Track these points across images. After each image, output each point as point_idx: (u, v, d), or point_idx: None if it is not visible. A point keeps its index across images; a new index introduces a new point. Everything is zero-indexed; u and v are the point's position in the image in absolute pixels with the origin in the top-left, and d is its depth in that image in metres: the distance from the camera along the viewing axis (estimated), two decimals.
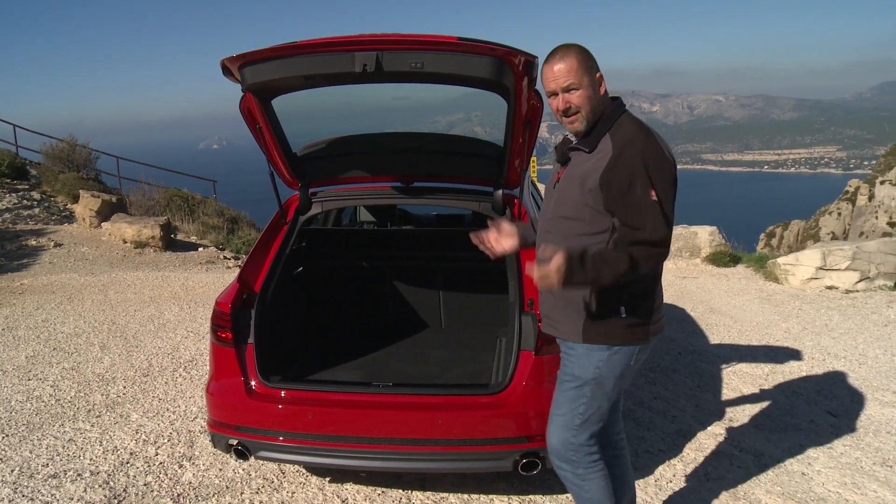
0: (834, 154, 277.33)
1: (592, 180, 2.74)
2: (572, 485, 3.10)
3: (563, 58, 2.76)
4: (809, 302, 8.97)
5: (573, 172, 2.86)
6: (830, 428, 5.12)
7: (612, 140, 2.75)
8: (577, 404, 2.97)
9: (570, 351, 2.98)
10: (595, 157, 2.78)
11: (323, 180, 4.70)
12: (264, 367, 3.85)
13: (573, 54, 2.76)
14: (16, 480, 4.39)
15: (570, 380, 2.97)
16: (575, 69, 2.74)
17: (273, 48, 3.31)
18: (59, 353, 7.05)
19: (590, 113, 2.79)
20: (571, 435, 3.00)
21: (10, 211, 15.59)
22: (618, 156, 2.69)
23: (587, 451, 3.03)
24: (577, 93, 2.77)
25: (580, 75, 2.75)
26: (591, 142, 2.81)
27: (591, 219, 2.80)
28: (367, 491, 4.18)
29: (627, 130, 2.77)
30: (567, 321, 2.95)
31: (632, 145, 2.70)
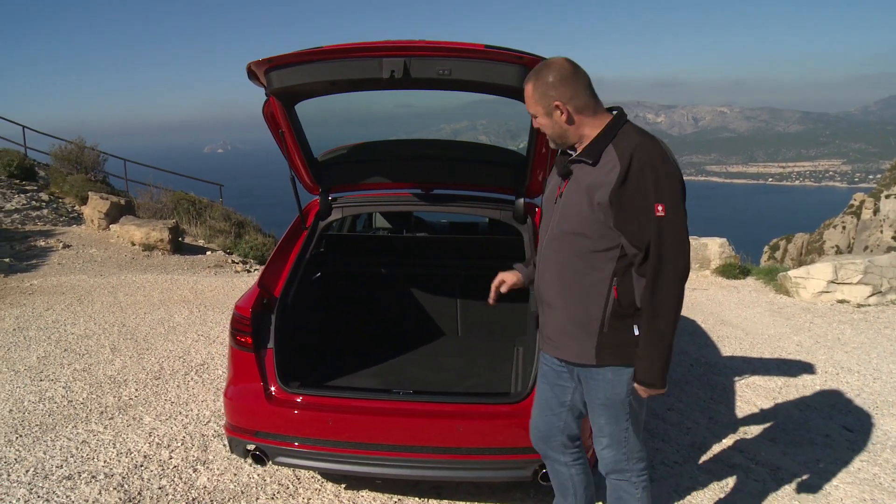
0: (839, 167, 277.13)
1: (601, 194, 2.66)
2: (625, 493, 3.09)
3: (525, 84, 2.81)
4: (821, 315, 8.94)
5: (579, 186, 2.77)
6: (846, 443, 5.09)
7: (616, 151, 2.67)
8: (621, 421, 2.94)
9: (594, 377, 2.91)
10: (601, 169, 2.69)
11: (343, 186, 4.69)
12: (284, 373, 3.84)
13: (529, 84, 2.79)
14: (31, 481, 4.38)
15: (606, 403, 2.92)
16: (530, 99, 2.80)
17: (300, 53, 3.31)
18: (71, 354, 7.05)
19: (557, 135, 2.82)
20: (623, 447, 3.00)
21: (19, 212, 15.61)
22: (627, 169, 2.61)
23: (640, 457, 3.05)
24: (536, 120, 2.84)
25: (534, 106, 2.79)
26: (592, 153, 2.73)
27: (601, 234, 2.73)
28: (383, 498, 4.16)
29: (633, 141, 2.68)
30: (576, 343, 2.88)
31: (640, 158, 2.62)
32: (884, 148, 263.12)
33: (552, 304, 2.94)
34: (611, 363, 2.82)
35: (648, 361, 2.71)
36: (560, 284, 2.88)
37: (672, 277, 2.63)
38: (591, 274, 2.78)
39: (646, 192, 2.60)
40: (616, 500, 3.15)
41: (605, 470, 3.12)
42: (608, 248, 2.74)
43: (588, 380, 2.93)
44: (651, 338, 2.69)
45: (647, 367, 2.71)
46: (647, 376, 2.73)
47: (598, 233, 2.73)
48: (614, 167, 2.64)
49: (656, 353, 2.69)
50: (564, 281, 2.86)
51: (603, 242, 2.73)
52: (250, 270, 12.97)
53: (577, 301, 2.83)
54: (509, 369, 4.55)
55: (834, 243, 44.30)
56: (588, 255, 2.77)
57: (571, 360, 2.94)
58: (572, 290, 2.84)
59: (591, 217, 2.72)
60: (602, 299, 2.78)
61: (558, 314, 2.92)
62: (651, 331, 2.68)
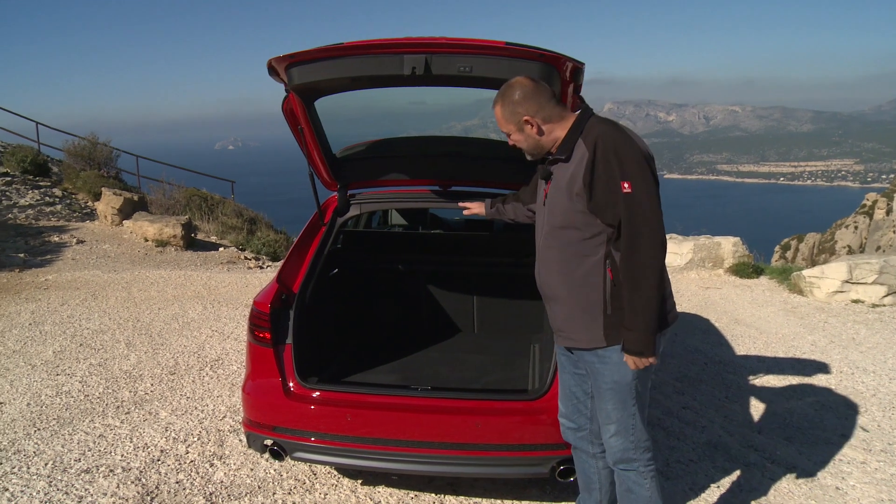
0: (851, 167, 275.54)
1: (578, 185, 2.84)
2: (634, 484, 3.13)
3: (494, 106, 3.03)
4: (835, 315, 8.90)
5: (558, 183, 2.97)
6: (863, 443, 5.06)
7: (584, 143, 2.87)
8: (628, 406, 3.02)
9: (601, 359, 3.00)
10: (574, 162, 2.89)
11: (361, 182, 4.70)
12: (302, 368, 3.85)
13: (497, 106, 3.00)
14: (50, 474, 4.42)
15: (613, 387, 3.00)
16: (500, 119, 3.01)
17: (321, 49, 3.32)
18: (86, 349, 7.09)
19: (531, 147, 3.04)
20: (631, 434, 3.05)
21: (33, 207, 15.69)
22: (593, 155, 2.80)
23: (646, 447, 3.11)
24: (511, 137, 3.04)
25: (506, 125, 3.00)
26: (565, 150, 2.93)
27: (584, 222, 2.89)
28: (399, 494, 4.17)
29: (597, 130, 2.87)
30: (584, 329, 3.00)
31: (603, 141, 2.81)
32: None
33: (556, 298, 3.07)
34: (617, 342, 2.93)
35: (634, 331, 2.82)
36: (559, 277, 3.02)
37: (646, 246, 2.76)
38: (585, 261, 2.93)
39: (611, 172, 2.77)
40: (626, 492, 3.18)
41: (612, 460, 3.16)
42: (595, 235, 2.90)
43: (596, 364, 3.02)
44: (634, 306, 2.81)
45: (634, 336, 2.82)
46: (635, 344, 2.83)
47: (581, 221, 2.89)
48: (583, 157, 2.85)
49: (640, 320, 2.80)
50: (562, 273, 3.00)
51: (589, 230, 2.90)
52: (263, 267, 13.01)
53: (577, 289, 2.97)
54: (526, 366, 4.56)
55: (846, 243, 44.14)
56: (578, 244, 2.93)
57: (584, 347, 3.03)
58: (571, 279, 2.98)
59: (572, 208, 2.90)
60: (599, 283, 2.92)
61: (563, 306, 3.05)
62: (633, 300, 2.81)
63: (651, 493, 3.13)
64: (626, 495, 3.19)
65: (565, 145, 2.94)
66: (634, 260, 2.77)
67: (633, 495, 3.15)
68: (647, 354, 2.83)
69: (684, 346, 7.31)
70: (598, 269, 2.92)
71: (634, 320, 2.81)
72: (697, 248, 11.57)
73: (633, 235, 2.76)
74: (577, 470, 3.45)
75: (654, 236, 2.76)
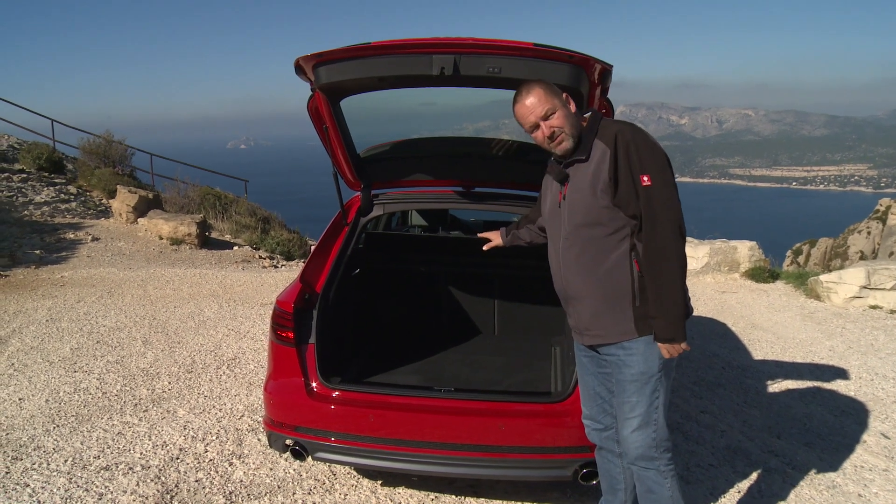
0: (864, 172, 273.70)
1: (602, 180, 2.91)
2: (654, 483, 3.12)
3: (529, 92, 2.98)
4: (853, 321, 8.84)
5: (580, 182, 3.00)
6: (884, 450, 5.02)
7: (602, 141, 2.94)
8: (653, 398, 3.03)
9: (627, 352, 3.03)
10: (594, 160, 2.95)
11: (385, 182, 4.70)
12: (325, 368, 3.85)
13: (536, 85, 2.99)
14: (70, 471, 4.43)
15: (639, 378, 3.02)
16: (544, 97, 2.96)
17: (349, 48, 3.31)
18: (103, 346, 7.11)
19: (572, 129, 2.98)
20: (653, 429, 3.06)
21: (49, 204, 15.76)
22: (614, 150, 2.88)
23: (667, 447, 3.11)
24: (555, 115, 2.97)
25: (551, 100, 2.96)
26: (583, 150, 2.98)
27: (609, 217, 2.94)
28: (419, 495, 4.16)
29: (613, 127, 2.96)
30: (613, 323, 3.03)
31: (622, 136, 2.90)
32: None
33: (581, 297, 3.09)
34: (648, 332, 2.96)
35: (662, 318, 2.88)
36: (584, 275, 3.04)
37: (667, 234, 2.84)
38: (609, 256, 2.98)
39: (631, 166, 2.87)
40: (646, 493, 3.17)
41: (632, 456, 3.14)
42: (619, 229, 2.95)
43: (622, 356, 3.05)
44: (660, 294, 2.87)
45: (663, 323, 2.88)
46: (665, 331, 2.88)
47: (606, 217, 2.95)
48: (604, 153, 2.92)
49: (667, 306, 2.86)
50: (587, 271, 3.03)
51: (613, 224, 2.94)
52: (277, 266, 13.03)
53: (604, 285, 3.00)
54: (548, 368, 4.54)
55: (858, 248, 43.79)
56: (602, 240, 2.97)
57: (613, 341, 3.05)
58: (596, 276, 3.01)
59: (596, 204, 2.94)
60: (627, 275, 2.96)
61: (589, 303, 3.06)
62: (658, 288, 2.88)
63: (672, 493, 3.12)
64: (646, 496, 3.18)
65: (584, 145, 2.98)
66: (656, 247, 2.84)
67: (654, 495, 3.14)
68: (679, 340, 2.88)
69: (702, 351, 7.27)
70: (623, 263, 2.96)
71: (661, 307, 2.87)
72: (713, 251, 11.53)
73: (653, 224, 2.84)
74: (601, 471, 3.43)
75: (673, 224, 2.84)
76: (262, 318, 8.25)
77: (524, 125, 3.05)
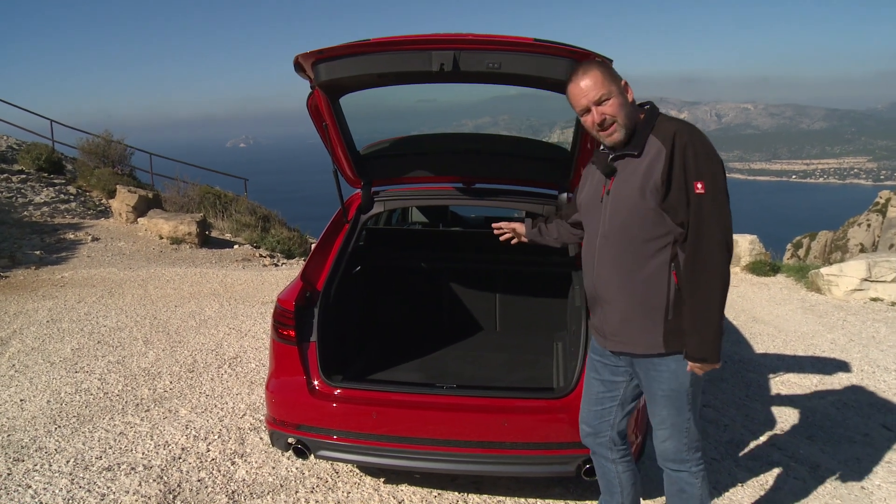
0: (864, 165, 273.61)
1: (654, 179, 2.74)
2: (686, 484, 3.11)
3: (586, 73, 2.80)
4: (854, 313, 8.84)
5: (629, 179, 2.83)
6: (887, 442, 5.02)
7: (658, 138, 2.77)
8: (683, 411, 2.97)
9: (657, 367, 2.93)
10: (647, 158, 2.78)
11: (385, 179, 4.69)
12: (327, 366, 3.84)
13: (595, 67, 2.81)
14: (72, 471, 4.43)
15: (669, 394, 2.94)
16: (601, 81, 2.78)
17: (349, 45, 3.30)
18: (104, 346, 7.11)
19: (625, 119, 2.81)
20: (684, 436, 3.02)
21: (48, 204, 15.75)
22: (671, 151, 2.71)
23: (697, 447, 3.08)
24: (609, 102, 2.79)
25: (608, 85, 2.78)
26: (636, 145, 2.81)
27: (654, 221, 2.79)
28: (422, 492, 4.16)
29: (672, 125, 2.79)
30: (642, 334, 2.90)
31: (681, 137, 2.73)
32: None
33: (612, 300, 2.95)
34: (677, 350, 2.84)
35: (697, 335, 2.74)
36: (619, 279, 2.90)
37: (713, 249, 2.69)
38: (649, 263, 2.83)
39: (686, 170, 2.70)
40: (678, 493, 3.15)
41: (663, 460, 3.13)
42: (662, 235, 2.80)
43: (651, 371, 2.95)
44: (697, 310, 2.73)
45: (698, 341, 2.74)
46: (699, 351, 2.75)
47: (651, 221, 2.79)
48: (659, 152, 2.75)
49: (703, 324, 2.72)
50: (624, 275, 2.88)
51: (656, 230, 2.79)
52: (278, 264, 13.03)
53: (639, 292, 2.86)
54: (550, 365, 4.54)
55: (858, 241, 43.82)
56: (643, 245, 2.82)
57: (638, 353, 2.94)
58: (633, 282, 2.87)
59: (643, 206, 2.78)
60: (664, 286, 2.83)
61: (620, 309, 2.93)
62: (696, 303, 2.73)
63: (702, 493, 3.11)
64: (678, 495, 3.15)
65: (637, 140, 2.81)
66: (700, 261, 2.70)
67: (686, 495, 3.12)
68: (712, 360, 2.76)
69: None
70: (662, 273, 2.83)
71: (698, 324, 2.73)
72: None
73: (700, 236, 2.69)
74: (598, 473, 3.40)
75: (722, 239, 2.70)
76: (264, 317, 8.25)
77: (575, 107, 2.87)
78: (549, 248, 3.84)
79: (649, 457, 4.44)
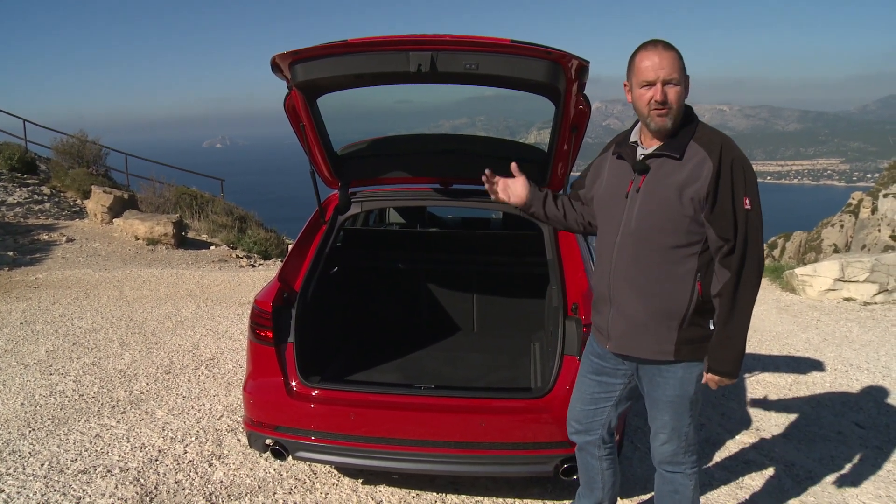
0: (837, 166, 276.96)
1: (696, 189, 2.67)
2: (681, 485, 3.12)
3: (666, 49, 2.69)
4: (828, 313, 8.95)
5: (665, 181, 2.74)
6: (859, 440, 5.08)
7: (701, 146, 2.71)
8: (685, 417, 2.97)
9: (663, 374, 2.91)
10: (689, 164, 2.70)
11: (362, 180, 4.68)
12: (304, 367, 3.83)
13: (674, 51, 2.70)
14: (46, 475, 4.37)
15: (674, 401, 2.93)
16: (678, 65, 2.69)
17: (326, 45, 3.30)
18: (79, 348, 7.04)
19: (678, 112, 2.74)
20: (682, 440, 3.03)
21: (21, 205, 15.59)
22: (719, 163, 2.66)
23: (693, 450, 3.09)
24: (675, 89, 2.70)
25: (681, 72, 2.70)
26: (678, 148, 2.74)
27: (687, 229, 2.74)
28: (401, 493, 4.16)
29: (716, 137, 2.75)
30: (653, 341, 2.86)
31: (730, 151, 2.69)
32: (882, 147, 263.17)
33: (626, 302, 2.89)
34: (686, 359, 2.83)
35: (725, 352, 2.74)
36: (639, 282, 2.84)
37: (755, 269, 2.70)
38: (675, 269, 2.78)
39: (737, 185, 2.66)
40: (671, 493, 3.16)
41: (659, 462, 3.14)
42: (691, 244, 2.76)
43: (657, 377, 2.93)
44: (731, 327, 2.71)
45: (724, 356, 2.75)
46: (723, 365, 2.75)
47: (684, 228, 2.73)
48: (704, 161, 2.68)
49: (735, 342, 2.73)
50: (645, 278, 2.82)
51: (687, 237, 2.75)
52: (255, 265, 12.98)
53: (659, 297, 2.81)
54: (528, 365, 4.55)
55: (832, 242, 44.32)
56: (670, 250, 2.77)
57: (646, 358, 2.91)
58: (654, 286, 2.81)
59: (679, 212, 2.71)
60: (687, 294, 2.78)
61: (634, 313, 2.87)
62: (731, 321, 2.71)
63: (695, 494, 3.13)
64: (671, 496, 3.16)
65: (678, 143, 2.74)
66: (743, 280, 2.68)
67: (679, 496, 3.13)
68: (734, 376, 2.77)
69: None
70: (686, 281, 2.78)
71: (728, 341, 2.72)
72: None
73: (746, 255, 2.67)
74: (580, 468, 3.39)
75: (760, 259, 2.71)
76: (241, 318, 8.21)
77: (639, 76, 2.71)
78: (526, 249, 3.83)
79: (626, 456, 4.49)
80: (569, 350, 3.65)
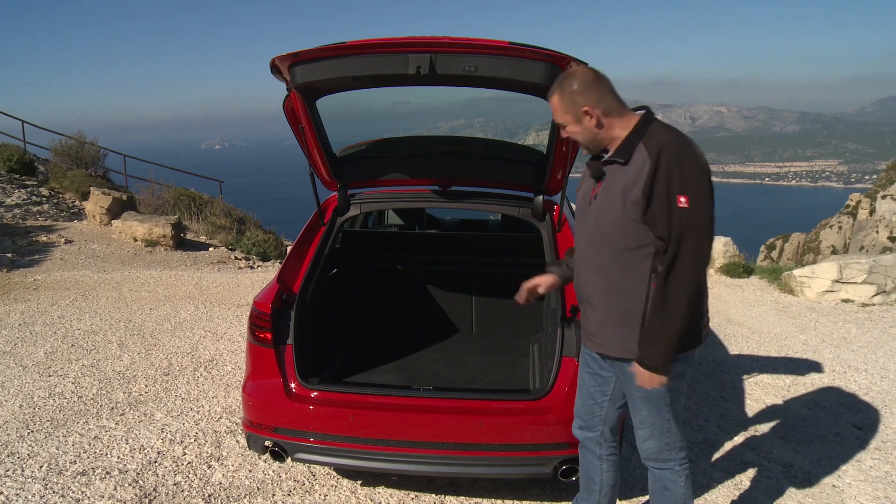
0: (835, 168, 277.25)
1: (635, 192, 2.71)
2: (670, 482, 3.14)
3: (550, 97, 2.86)
4: (826, 314, 8.96)
5: (613, 187, 2.81)
6: (857, 441, 5.10)
7: (645, 148, 2.72)
8: (663, 412, 2.99)
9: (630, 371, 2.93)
10: (633, 167, 2.74)
11: (361, 182, 4.69)
12: (303, 369, 3.84)
13: (554, 94, 2.84)
14: (45, 476, 4.38)
15: (646, 395, 2.94)
16: (556, 109, 2.85)
17: (325, 47, 3.31)
18: (78, 349, 7.04)
19: (591, 140, 2.86)
20: (665, 437, 3.05)
21: (20, 207, 15.57)
22: (656, 164, 2.66)
23: (681, 447, 3.10)
24: (567, 129, 2.87)
25: (562, 115, 2.84)
26: (624, 152, 2.77)
27: (635, 232, 2.77)
28: (399, 495, 4.16)
29: (662, 137, 2.73)
30: (619, 338, 2.92)
31: (667, 150, 2.67)
32: (880, 148, 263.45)
33: (592, 303, 2.99)
34: None
35: (650, 346, 2.76)
36: (599, 284, 2.93)
37: (688, 266, 2.66)
38: (629, 271, 2.83)
39: (670, 184, 2.65)
40: (661, 490, 3.18)
41: (646, 458, 3.16)
42: (642, 245, 2.78)
43: (629, 374, 2.96)
44: (658, 319, 2.73)
45: (649, 351, 2.76)
46: (648, 358, 2.77)
47: (632, 231, 2.77)
48: (644, 163, 2.70)
49: (660, 334, 2.73)
50: (604, 280, 2.91)
51: (637, 240, 2.78)
52: (253, 267, 12.97)
53: (617, 299, 2.88)
54: (526, 366, 4.56)
55: (830, 243, 44.37)
56: (623, 253, 2.82)
57: (614, 356, 2.98)
58: (612, 288, 2.89)
59: (624, 217, 2.76)
60: (642, 295, 2.82)
61: (599, 312, 2.97)
62: (659, 313, 2.73)
63: (685, 491, 3.14)
64: (661, 492, 3.18)
65: (625, 147, 2.78)
66: (673, 275, 2.68)
67: (669, 493, 3.15)
68: (661, 372, 2.76)
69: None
70: (641, 282, 2.82)
71: (657, 334, 2.73)
72: None
73: (678, 252, 2.66)
74: (581, 467, 3.42)
75: (699, 254, 2.67)
76: (239, 320, 8.21)
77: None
78: (524, 250, 3.85)
79: (625, 458, 4.49)
80: (567, 351, 3.66)
